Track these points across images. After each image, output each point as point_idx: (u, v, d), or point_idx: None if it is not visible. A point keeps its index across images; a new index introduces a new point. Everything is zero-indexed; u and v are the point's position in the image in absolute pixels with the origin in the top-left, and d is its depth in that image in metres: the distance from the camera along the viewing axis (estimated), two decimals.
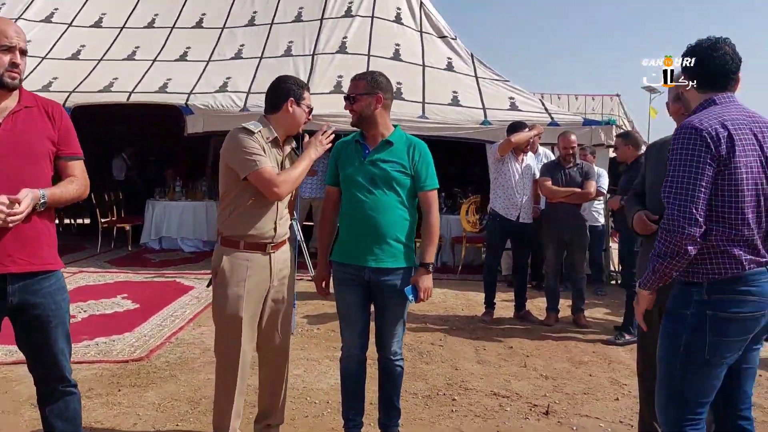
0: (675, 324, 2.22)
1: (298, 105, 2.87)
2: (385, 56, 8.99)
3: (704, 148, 2.08)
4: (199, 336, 5.03)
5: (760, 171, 2.13)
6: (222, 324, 2.89)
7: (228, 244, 2.85)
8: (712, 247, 2.13)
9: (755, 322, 2.14)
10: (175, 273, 7.72)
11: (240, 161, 2.74)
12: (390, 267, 2.88)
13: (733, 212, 2.11)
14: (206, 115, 8.11)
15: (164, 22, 10.12)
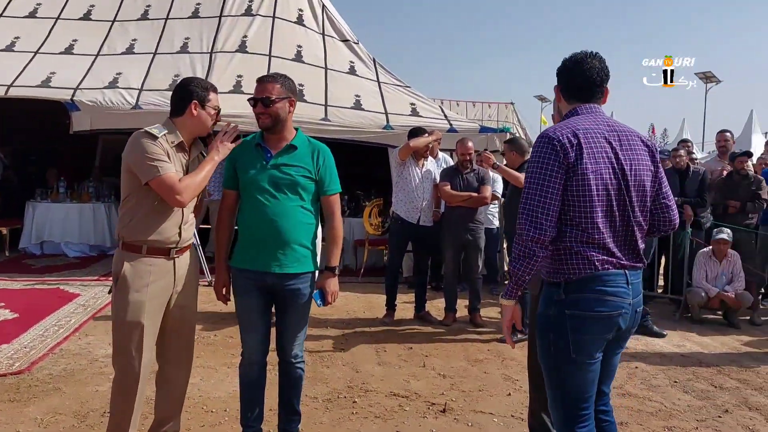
0: (543, 325, 2.31)
1: (203, 108, 2.79)
2: (287, 57, 8.89)
3: (553, 156, 2.19)
4: (85, 346, 4.74)
5: (612, 178, 2.22)
6: (122, 332, 2.74)
7: (130, 248, 2.73)
8: (567, 249, 2.23)
9: (612, 321, 2.23)
10: (58, 279, 7.23)
11: (142, 166, 2.65)
12: (295, 272, 2.86)
13: (583, 216, 2.20)
14: (94, 112, 7.67)
15: (48, 12, 9.46)
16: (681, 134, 22.78)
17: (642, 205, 2.30)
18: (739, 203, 6.77)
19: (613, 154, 2.24)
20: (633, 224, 2.28)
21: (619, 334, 2.30)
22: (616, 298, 2.22)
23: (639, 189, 2.28)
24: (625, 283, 2.24)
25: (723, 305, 6.26)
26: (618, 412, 3.76)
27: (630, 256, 2.28)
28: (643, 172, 2.30)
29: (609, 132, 2.28)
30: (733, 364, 4.92)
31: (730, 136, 7.73)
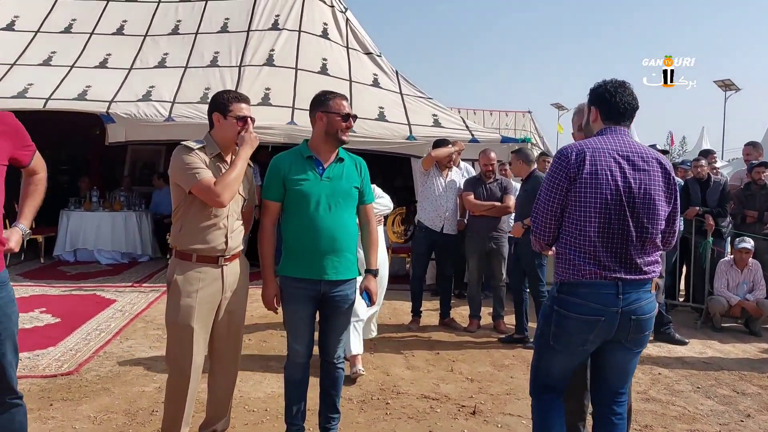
0: (542, 311, 2.70)
1: (224, 117, 2.93)
2: (313, 70, 9.13)
3: (562, 167, 2.50)
4: (128, 349, 4.96)
5: (613, 194, 2.44)
6: (174, 333, 2.95)
7: (181, 256, 2.93)
8: (563, 254, 2.54)
9: (591, 325, 2.48)
10: (93, 286, 7.50)
11: (182, 176, 2.87)
12: (346, 278, 3.07)
13: (578, 227, 2.48)
14: (129, 124, 7.94)
15: (82, 28, 9.79)
16: (700, 142, 22.69)
17: (651, 221, 2.49)
18: (756, 213, 6.85)
19: (620, 173, 2.47)
20: (634, 239, 2.46)
21: (616, 337, 2.50)
22: (598, 305, 2.46)
23: (648, 206, 2.48)
24: (614, 293, 2.46)
25: (744, 313, 6.34)
26: (642, 416, 3.91)
27: (626, 268, 2.47)
28: (655, 192, 2.49)
29: (623, 152, 2.51)
30: (754, 371, 5.02)
31: (760, 148, 7.78)
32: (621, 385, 2.67)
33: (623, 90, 2.60)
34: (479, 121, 25.64)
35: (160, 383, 4.17)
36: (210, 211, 2.89)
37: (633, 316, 2.48)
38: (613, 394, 2.66)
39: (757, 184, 6.90)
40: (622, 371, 2.65)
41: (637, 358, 2.69)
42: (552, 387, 2.68)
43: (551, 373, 2.67)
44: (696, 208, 6.71)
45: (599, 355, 2.63)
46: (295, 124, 7.97)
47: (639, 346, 2.62)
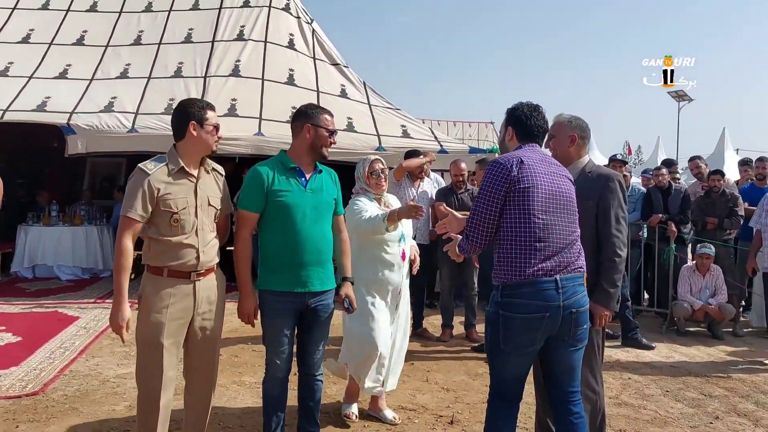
0: (487, 319, 2.76)
1: (201, 127, 2.86)
2: (280, 81, 9.09)
3: (500, 176, 2.65)
4: (94, 367, 4.82)
5: (546, 196, 2.64)
6: (144, 350, 2.87)
7: (152, 271, 2.86)
8: (507, 255, 2.64)
9: (537, 322, 2.60)
10: (54, 303, 7.28)
11: (125, 200, 2.83)
12: (329, 288, 3.07)
13: (516, 230, 2.62)
14: (90, 135, 7.77)
15: (41, 38, 9.56)
16: (656, 151, 23.33)
17: (575, 220, 2.75)
18: (716, 219, 7.06)
19: (549, 178, 2.70)
20: (566, 237, 2.68)
21: (558, 333, 2.64)
22: (541, 302, 2.60)
23: (570, 208, 2.74)
24: (553, 288, 2.61)
25: (707, 317, 6.52)
26: (616, 420, 3.97)
27: (561, 265, 2.64)
28: (572, 196, 2.77)
29: (547, 162, 2.77)
30: (720, 373, 5.16)
31: (701, 162, 8.06)
32: (571, 383, 2.78)
33: (537, 114, 2.86)
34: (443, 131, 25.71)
35: (130, 401, 4.06)
36: (177, 228, 2.81)
37: (573, 309, 2.64)
38: (566, 394, 2.77)
39: (716, 192, 7.12)
40: (569, 369, 2.77)
41: (581, 353, 2.80)
42: (503, 394, 2.77)
43: (504, 379, 2.75)
44: (659, 215, 6.89)
45: (546, 357, 2.75)
46: (262, 135, 7.91)
47: (580, 342, 2.75)
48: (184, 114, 2.89)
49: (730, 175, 10.57)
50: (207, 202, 2.91)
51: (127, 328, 2.85)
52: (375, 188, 3.79)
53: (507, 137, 2.90)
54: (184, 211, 2.83)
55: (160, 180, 2.80)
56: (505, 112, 2.95)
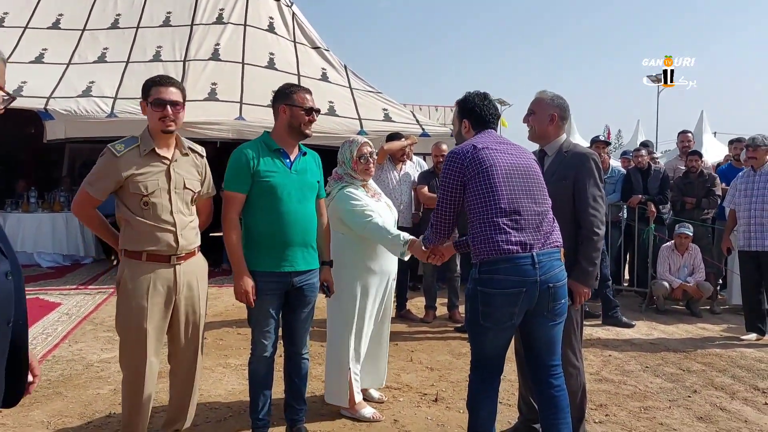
0: (466, 296, 2.81)
1: (147, 104, 2.81)
2: (260, 65, 9.02)
3: (456, 165, 2.73)
4: (78, 352, 4.80)
5: (509, 174, 2.70)
6: (126, 336, 2.86)
7: (130, 255, 2.82)
8: (479, 234, 2.68)
9: (514, 297, 2.64)
10: (36, 289, 7.19)
11: (89, 174, 2.82)
12: (313, 268, 3.09)
13: (487, 207, 2.67)
14: (68, 120, 7.66)
15: (15, 21, 9.38)
16: (636, 135, 23.51)
17: (544, 195, 2.78)
18: (694, 200, 7.17)
19: (507, 156, 2.76)
20: (537, 212, 2.72)
21: (536, 307, 2.69)
22: (517, 277, 2.63)
23: (538, 183, 2.78)
24: (529, 263, 2.64)
25: (685, 296, 6.65)
26: (596, 396, 4.05)
27: (535, 236, 2.68)
28: (537, 171, 2.82)
29: (502, 143, 2.84)
30: (697, 349, 5.27)
31: (692, 137, 8.17)
32: (551, 357, 2.83)
33: (487, 102, 2.93)
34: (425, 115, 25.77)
35: (114, 385, 4.05)
36: (148, 211, 2.78)
37: (550, 284, 2.67)
38: (546, 368, 2.82)
39: (693, 172, 7.22)
40: (549, 343, 2.81)
41: (560, 328, 2.83)
42: (484, 369, 2.81)
43: (483, 354, 2.80)
44: (639, 196, 6.98)
45: (526, 332, 2.80)
46: (243, 119, 7.85)
47: (559, 316, 2.79)
48: (143, 94, 2.85)
49: (708, 157, 10.72)
50: (183, 185, 2.87)
51: None
52: (363, 174, 3.53)
53: (463, 129, 2.96)
54: (154, 194, 2.78)
55: (128, 162, 2.75)
56: (456, 103, 3.02)
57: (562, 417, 2.78)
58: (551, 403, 2.80)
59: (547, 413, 2.80)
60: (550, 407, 2.79)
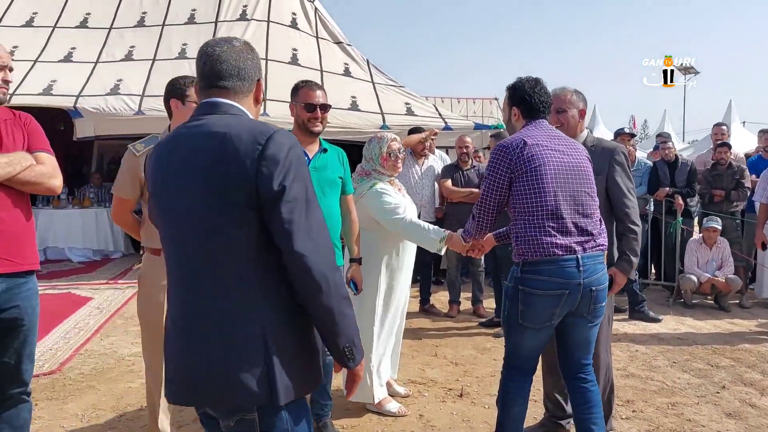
0: (505, 293, 2.77)
1: (183, 104, 2.84)
2: (284, 61, 9.08)
3: (504, 160, 2.65)
4: (109, 346, 4.91)
5: (559, 173, 2.63)
6: (147, 329, 2.92)
7: (151, 251, 2.89)
8: (524, 234, 2.64)
9: (557, 299, 2.62)
10: (67, 284, 7.37)
11: (116, 178, 2.90)
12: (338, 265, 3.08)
13: (536, 206, 2.61)
14: (97, 118, 7.81)
15: (45, 21, 9.57)
16: (662, 126, 23.13)
17: (593, 196, 2.72)
18: (723, 192, 7.05)
19: (560, 153, 2.67)
20: (584, 209, 2.67)
21: (577, 309, 2.67)
22: (561, 279, 2.60)
23: (587, 182, 2.71)
24: (574, 266, 2.60)
25: (714, 290, 6.55)
26: (623, 392, 4.03)
27: (582, 239, 2.64)
28: (587, 169, 2.74)
29: (553, 138, 2.73)
30: (726, 345, 5.20)
31: (726, 129, 8.01)
32: (585, 356, 2.83)
33: (539, 88, 2.80)
34: (447, 108, 25.65)
35: (145, 379, 4.14)
36: None
37: (593, 287, 2.65)
38: (579, 366, 2.82)
39: (722, 164, 7.10)
40: (585, 343, 2.81)
41: (597, 328, 2.84)
42: (518, 368, 2.80)
43: (520, 352, 2.78)
44: (666, 189, 6.89)
45: (563, 332, 2.78)
46: (267, 115, 7.91)
47: (597, 318, 2.78)
48: (167, 91, 2.90)
49: (737, 147, 10.51)
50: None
51: None
52: (391, 170, 3.54)
53: (513, 117, 2.85)
54: None
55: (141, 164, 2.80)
56: (505, 89, 2.90)
57: (595, 412, 2.78)
58: (584, 398, 2.80)
59: (581, 408, 2.80)
60: (582, 402, 2.79)
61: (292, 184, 1.52)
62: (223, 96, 1.67)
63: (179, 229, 1.63)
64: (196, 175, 1.56)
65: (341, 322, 1.58)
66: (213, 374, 1.56)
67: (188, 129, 1.64)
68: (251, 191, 1.51)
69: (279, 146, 1.53)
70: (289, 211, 1.51)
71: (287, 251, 1.52)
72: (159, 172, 1.67)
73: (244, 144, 1.51)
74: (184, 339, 1.64)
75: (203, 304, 1.60)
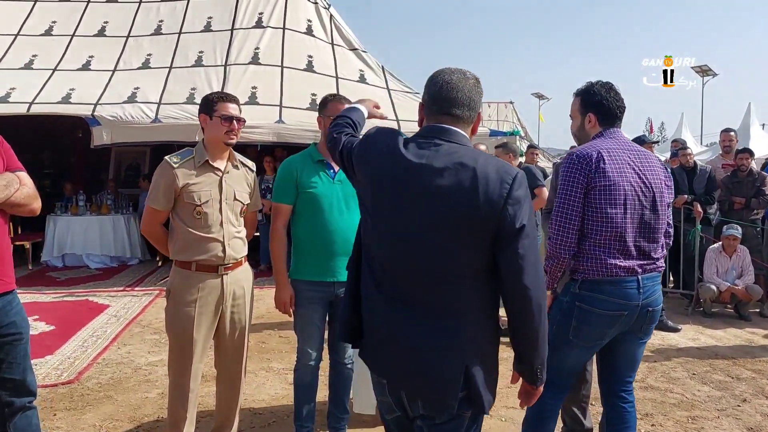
0: (557, 306, 2.68)
1: (210, 119, 2.90)
2: (299, 68, 9.11)
3: (582, 171, 2.52)
4: (126, 355, 4.94)
5: (632, 192, 2.55)
6: (174, 342, 2.94)
7: (181, 265, 2.92)
8: (587, 252, 2.55)
9: (614, 319, 2.56)
10: (85, 291, 7.44)
11: (149, 190, 2.93)
12: None
13: (603, 224, 2.52)
14: (114, 126, 7.87)
15: (63, 30, 9.68)
16: (680, 128, 22.96)
17: (661, 216, 2.62)
18: (743, 199, 6.96)
19: (634, 171, 2.56)
20: (650, 232, 2.58)
21: (631, 328, 2.61)
22: (621, 300, 2.54)
23: (656, 202, 2.60)
24: (635, 287, 2.54)
25: (734, 299, 6.46)
26: (642, 404, 3.98)
27: (644, 262, 2.57)
28: (660, 187, 2.63)
29: (630, 152, 2.61)
30: (747, 356, 5.12)
31: (734, 135, 7.90)
32: (630, 374, 2.78)
33: (614, 94, 2.69)
34: None
35: (162, 389, 4.17)
36: (200, 220, 2.88)
37: (649, 308, 2.60)
38: (622, 383, 2.77)
39: (743, 171, 7.01)
40: (632, 360, 2.76)
41: (644, 347, 2.79)
42: (559, 384, 2.72)
43: (563, 368, 2.69)
44: (684, 196, 6.80)
45: (611, 348, 2.71)
46: (283, 123, 7.95)
47: (648, 336, 2.74)
48: (199, 106, 2.98)
49: (756, 150, 10.35)
50: (233, 197, 2.96)
51: None
52: None
53: (588, 124, 2.71)
54: (206, 204, 2.88)
55: (184, 173, 2.86)
56: (576, 95, 2.75)
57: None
58: (621, 418, 2.75)
59: (616, 427, 2.76)
60: (619, 422, 2.75)
61: (528, 223, 1.69)
62: (452, 123, 1.80)
63: (404, 236, 1.76)
64: (442, 196, 1.70)
65: (542, 345, 1.77)
66: (438, 381, 1.74)
67: (423, 145, 1.77)
68: (492, 224, 1.68)
69: (521, 188, 1.70)
70: (524, 247, 1.68)
71: (515, 283, 1.69)
72: (388, 170, 1.78)
73: (492, 182, 1.68)
74: (403, 347, 1.78)
75: (426, 317, 1.75)
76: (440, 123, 1.80)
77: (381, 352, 1.84)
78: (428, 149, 1.75)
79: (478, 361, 1.75)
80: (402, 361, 1.77)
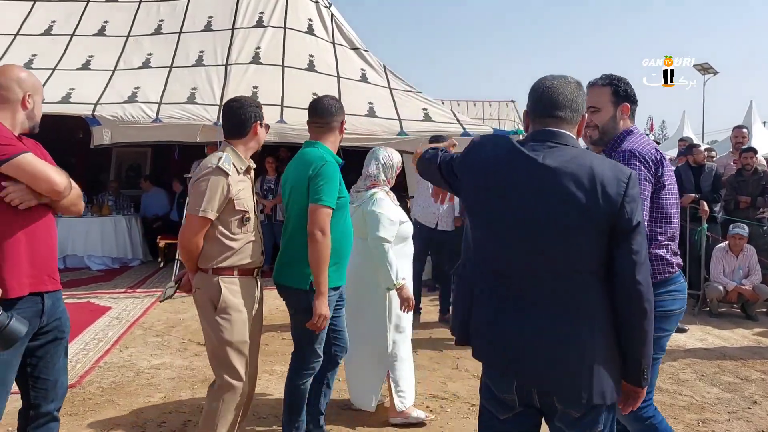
0: None
1: (261, 126, 2.91)
2: (300, 67, 9.04)
3: (650, 168, 2.42)
4: (128, 358, 4.89)
5: (675, 194, 2.56)
6: (231, 351, 2.82)
7: (220, 272, 2.81)
8: (652, 253, 2.45)
9: (680, 317, 2.56)
10: (87, 293, 7.38)
11: (197, 198, 2.73)
12: None
13: (665, 223, 2.49)
14: (115, 126, 7.80)
15: (63, 30, 9.60)
16: (682, 127, 22.86)
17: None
18: (749, 198, 6.90)
19: (671, 173, 2.55)
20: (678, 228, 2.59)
21: None
22: (683, 295, 2.54)
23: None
24: (684, 281, 2.58)
25: (740, 298, 6.40)
26: None
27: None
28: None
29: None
30: (755, 356, 5.07)
31: (746, 132, 7.85)
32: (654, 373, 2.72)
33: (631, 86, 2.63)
34: (463, 111, 25.57)
35: (164, 393, 4.12)
36: (247, 227, 2.84)
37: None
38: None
39: (748, 170, 6.95)
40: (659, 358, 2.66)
41: None
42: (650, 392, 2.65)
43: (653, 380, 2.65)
44: (690, 195, 6.75)
45: None
46: (284, 123, 7.88)
47: None
48: (249, 114, 2.87)
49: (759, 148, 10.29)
50: (256, 200, 3.00)
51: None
52: (390, 183, 3.67)
53: (622, 115, 2.56)
54: (251, 210, 2.88)
55: (234, 180, 2.79)
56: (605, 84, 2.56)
57: None
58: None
59: None
60: None
61: (641, 220, 1.77)
62: (557, 125, 1.86)
63: (524, 235, 1.79)
64: (563, 196, 1.75)
65: (648, 345, 1.79)
66: (574, 376, 1.76)
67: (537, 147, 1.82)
68: (610, 221, 1.73)
69: (636, 186, 1.77)
70: (638, 243, 1.75)
71: (628, 277, 1.75)
72: (504, 173, 1.83)
73: (609, 181, 1.74)
74: (535, 345, 1.80)
75: (552, 314, 1.78)
76: (546, 126, 1.86)
77: (509, 351, 1.84)
78: (543, 150, 1.81)
79: (608, 354, 1.78)
80: (535, 358, 1.79)
